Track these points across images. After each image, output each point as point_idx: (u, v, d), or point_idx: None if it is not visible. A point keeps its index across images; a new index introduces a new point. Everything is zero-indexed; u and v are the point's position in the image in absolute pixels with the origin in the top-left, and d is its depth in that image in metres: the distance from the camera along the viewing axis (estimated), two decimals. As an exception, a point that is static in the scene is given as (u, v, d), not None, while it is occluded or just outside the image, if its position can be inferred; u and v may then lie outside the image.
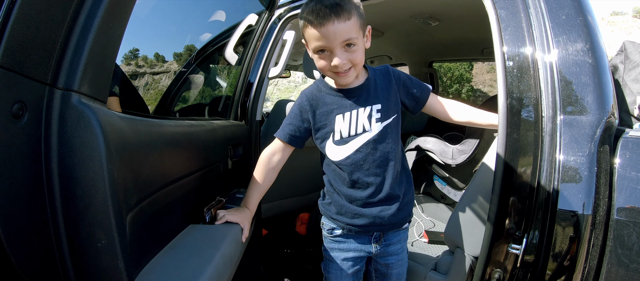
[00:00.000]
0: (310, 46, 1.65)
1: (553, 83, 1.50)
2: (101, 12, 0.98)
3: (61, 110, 0.94)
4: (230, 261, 1.64)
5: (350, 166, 1.75)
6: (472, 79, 33.77)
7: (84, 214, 0.98)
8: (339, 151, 1.76)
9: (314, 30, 1.56)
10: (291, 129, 1.86)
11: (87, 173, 0.96)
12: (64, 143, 0.94)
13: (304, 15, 1.61)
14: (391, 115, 1.76)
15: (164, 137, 1.47)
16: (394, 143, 1.77)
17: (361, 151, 1.73)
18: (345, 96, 1.75)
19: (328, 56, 1.61)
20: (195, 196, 1.84)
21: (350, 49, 1.60)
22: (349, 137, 1.74)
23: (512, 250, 1.51)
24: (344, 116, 1.74)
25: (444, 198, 3.88)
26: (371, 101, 1.73)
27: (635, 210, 1.27)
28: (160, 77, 3.62)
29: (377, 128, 1.72)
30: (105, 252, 1.01)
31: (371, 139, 1.72)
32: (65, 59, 0.94)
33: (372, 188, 1.75)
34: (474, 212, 1.97)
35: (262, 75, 2.69)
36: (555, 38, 1.53)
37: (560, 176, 1.41)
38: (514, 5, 1.64)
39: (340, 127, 1.75)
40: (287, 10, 2.75)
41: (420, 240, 3.01)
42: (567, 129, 1.44)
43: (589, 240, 1.35)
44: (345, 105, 1.75)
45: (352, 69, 1.64)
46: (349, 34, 1.57)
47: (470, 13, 3.37)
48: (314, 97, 1.81)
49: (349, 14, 1.57)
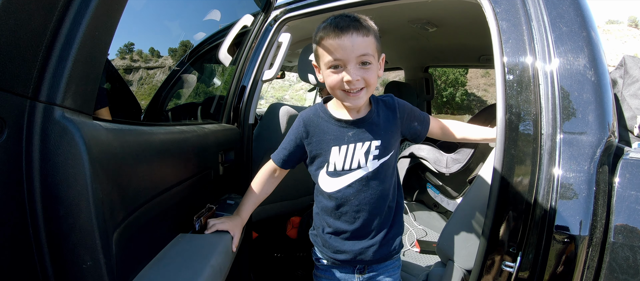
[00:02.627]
0: (323, 61, 1.59)
1: (554, 99, 1.48)
2: (87, 20, 0.93)
3: (43, 125, 0.89)
4: (219, 273, 1.61)
5: (340, 199, 1.71)
6: (467, 83, 33.96)
7: (68, 234, 0.94)
8: (331, 183, 1.72)
9: (331, 41, 1.52)
10: (286, 154, 1.84)
11: (70, 192, 0.92)
12: (46, 160, 0.90)
13: (320, 31, 1.57)
14: (390, 151, 1.71)
15: (153, 147, 1.42)
16: (389, 178, 1.74)
17: (353, 186, 1.69)
18: (345, 127, 1.69)
19: (341, 72, 1.55)
20: (185, 205, 1.80)
21: (365, 67, 1.55)
22: (343, 171, 1.69)
23: (506, 267, 1.49)
24: (340, 148, 1.68)
25: (437, 207, 3.87)
26: (371, 136, 1.68)
27: (633, 233, 1.25)
28: (154, 72, 3.60)
29: (372, 166, 1.67)
30: (91, 274, 0.97)
31: (365, 176, 1.67)
32: (48, 70, 0.89)
33: (359, 222, 1.72)
34: (468, 225, 1.95)
35: (256, 77, 2.65)
36: (557, 52, 1.51)
37: (558, 195, 1.38)
38: (516, 18, 1.61)
39: (335, 160, 1.69)
40: (283, 12, 2.71)
41: (412, 249, 2.99)
42: (567, 147, 1.41)
43: (584, 261, 1.33)
44: (343, 137, 1.69)
45: (364, 91, 1.58)
46: (366, 49, 1.53)
47: (468, 21, 3.36)
48: (312, 122, 1.76)
49: (368, 31, 1.55)
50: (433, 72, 5.85)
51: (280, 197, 3.56)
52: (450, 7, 3.11)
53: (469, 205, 2.01)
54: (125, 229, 1.18)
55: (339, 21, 1.53)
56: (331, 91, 1.64)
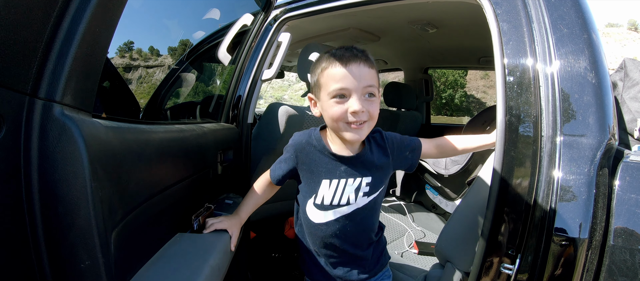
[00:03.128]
0: (326, 90, 1.54)
1: (554, 101, 1.47)
2: (87, 17, 0.92)
3: (42, 122, 0.88)
4: (218, 272, 1.60)
5: (325, 230, 1.71)
6: (466, 85, 34.00)
7: (66, 233, 0.92)
8: (317, 214, 1.71)
9: (337, 69, 1.49)
10: (279, 173, 1.81)
11: (69, 190, 0.90)
12: (45, 158, 0.88)
13: (323, 61, 1.55)
14: (380, 187, 1.71)
15: (153, 145, 1.42)
16: (376, 211, 1.76)
17: (340, 221, 1.67)
18: (338, 162, 1.66)
19: (345, 102, 1.50)
20: (184, 204, 1.80)
21: (370, 99, 1.52)
22: (331, 205, 1.67)
23: (504, 270, 1.48)
24: (330, 182, 1.66)
25: (435, 208, 3.88)
26: (363, 173, 1.66)
27: (632, 236, 1.24)
28: (154, 71, 3.57)
29: (362, 202, 1.66)
30: (89, 273, 0.96)
31: (353, 212, 1.67)
32: (47, 67, 0.87)
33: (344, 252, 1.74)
34: (467, 227, 1.94)
35: (255, 77, 2.64)
36: (558, 54, 1.50)
37: (558, 197, 1.38)
38: (517, 19, 1.61)
39: (324, 193, 1.67)
40: (283, 12, 2.71)
41: (410, 250, 2.98)
42: (567, 150, 1.41)
43: (583, 264, 1.32)
44: (335, 172, 1.66)
45: (367, 124, 1.55)
46: (372, 80, 1.51)
47: (469, 22, 3.36)
48: (303, 151, 1.72)
49: (372, 64, 1.55)
50: (432, 74, 5.85)
51: (278, 197, 3.54)
52: (450, 9, 3.11)
53: (468, 207, 2.00)
54: (124, 228, 1.17)
55: (345, 51, 1.52)
56: (332, 123, 1.58)
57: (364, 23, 3.70)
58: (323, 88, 1.56)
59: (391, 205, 3.96)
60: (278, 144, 2.66)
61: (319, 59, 1.61)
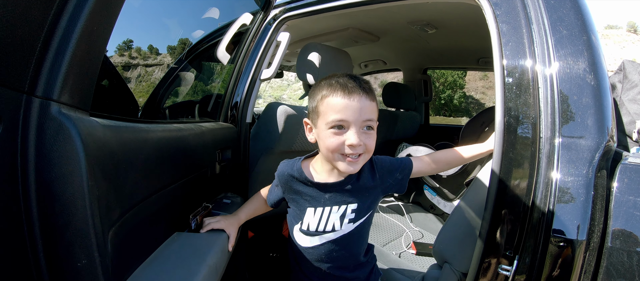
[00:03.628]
0: (326, 119, 1.50)
1: (553, 103, 1.47)
2: (86, 14, 0.92)
3: (39, 121, 0.88)
4: (215, 272, 1.60)
5: (312, 254, 1.71)
6: (465, 85, 34.05)
7: (63, 232, 0.92)
8: (304, 239, 1.71)
9: (337, 100, 1.47)
10: (274, 197, 1.83)
11: (66, 189, 0.91)
12: (42, 157, 0.89)
13: (324, 89, 1.53)
14: (366, 213, 1.67)
15: (150, 144, 1.42)
16: (364, 237, 1.74)
17: (325, 246, 1.67)
18: (321, 191, 1.65)
19: (343, 134, 1.49)
20: (182, 203, 1.80)
21: (367, 132, 1.51)
22: (316, 232, 1.66)
23: (502, 271, 1.48)
24: (315, 210, 1.65)
25: (434, 208, 3.88)
26: (348, 199, 1.64)
27: (630, 238, 1.24)
28: (153, 70, 3.56)
29: (347, 229, 1.64)
30: (86, 272, 0.96)
31: (338, 238, 1.65)
32: (45, 65, 0.87)
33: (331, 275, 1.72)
34: (465, 228, 1.94)
35: (254, 76, 2.64)
36: (557, 56, 1.50)
37: (556, 199, 1.38)
38: (516, 21, 1.61)
39: (309, 220, 1.67)
40: (282, 11, 2.71)
41: (408, 251, 2.98)
42: (565, 151, 1.41)
43: (581, 265, 1.32)
44: (319, 200, 1.65)
45: (363, 157, 1.54)
46: (371, 114, 1.50)
47: (468, 23, 3.36)
48: (286, 182, 1.72)
49: (374, 97, 1.54)
50: (431, 74, 5.86)
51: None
52: (450, 9, 3.11)
53: (466, 207, 2.00)
54: (121, 227, 1.18)
55: (347, 81, 1.50)
56: (328, 153, 1.55)
57: (364, 23, 3.70)
58: (322, 116, 1.53)
59: (389, 205, 3.96)
60: (276, 144, 2.66)
61: (319, 85, 1.58)
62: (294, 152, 2.76)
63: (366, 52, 5.03)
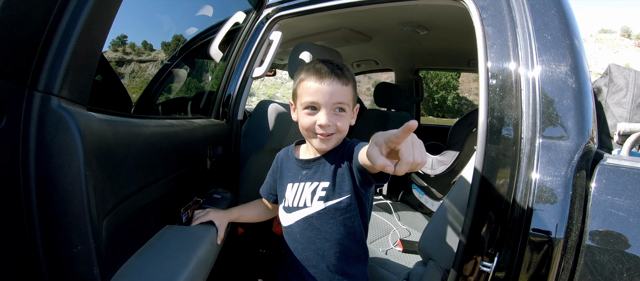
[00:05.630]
0: (301, 101, 1.65)
1: (535, 104, 1.50)
2: (85, 15, 0.96)
3: (40, 113, 0.92)
4: (205, 264, 1.64)
5: (289, 235, 1.79)
6: (459, 87, 34.03)
7: (60, 219, 0.96)
8: (285, 217, 1.81)
9: (310, 84, 1.59)
10: (266, 186, 2.00)
11: (64, 178, 0.95)
12: (42, 147, 0.93)
13: (302, 72, 1.66)
14: (341, 195, 1.65)
15: (144, 138, 1.45)
16: (340, 225, 1.67)
17: (299, 224, 1.73)
18: (301, 166, 1.78)
19: (315, 115, 1.61)
20: (173, 197, 1.83)
21: (339, 114, 1.62)
22: (292, 207, 1.76)
23: (483, 267, 1.51)
24: (293, 185, 1.78)
25: (422, 207, 3.91)
26: (321, 177, 1.70)
27: (607, 236, 1.27)
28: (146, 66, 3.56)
29: (317, 207, 1.68)
30: (81, 258, 1.00)
31: (308, 216, 1.70)
32: (46, 61, 0.92)
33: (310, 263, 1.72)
34: (449, 225, 1.98)
35: (246, 74, 2.66)
36: (540, 59, 1.53)
37: (535, 198, 1.41)
38: (502, 24, 1.64)
39: (287, 195, 1.79)
40: (275, 11, 2.73)
41: (395, 248, 3.02)
42: (545, 151, 1.44)
43: (559, 263, 1.35)
44: (297, 175, 1.78)
45: (334, 136, 1.64)
46: (343, 97, 1.60)
47: (458, 25, 3.39)
48: (282, 161, 1.90)
49: (347, 81, 1.63)
50: (425, 75, 5.90)
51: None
52: (440, 11, 3.14)
53: (451, 205, 2.03)
54: (115, 217, 1.21)
55: (321, 67, 1.61)
56: (303, 131, 1.69)
57: (356, 23, 3.72)
58: (298, 98, 1.68)
59: (378, 204, 3.99)
60: (267, 142, 2.68)
61: (299, 70, 1.70)
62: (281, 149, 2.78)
63: (359, 52, 5.05)
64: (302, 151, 1.87)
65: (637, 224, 1.24)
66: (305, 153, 1.83)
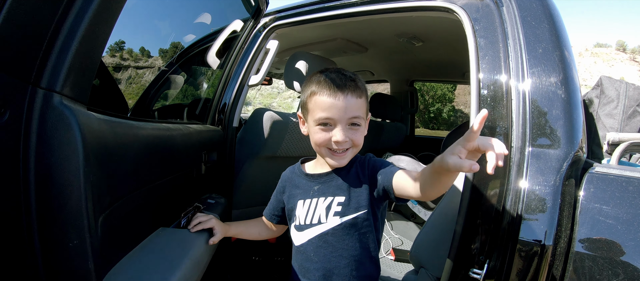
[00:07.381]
0: (313, 116, 1.56)
1: (525, 114, 1.52)
2: (89, 16, 0.99)
3: (42, 110, 0.94)
4: (198, 266, 1.65)
5: (302, 254, 1.67)
6: (454, 99, 34.07)
7: (58, 213, 0.98)
8: (297, 236, 1.70)
9: (324, 98, 1.51)
10: (270, 208, 1.90)
11: (63, 174, 0.97)
12: (42, 143, 0.95)
13: (313, 85, 1.57)
14: (357, 210, 1.58)
15: (141, 140, 1.47)
16: (353, 241, 1.60)
17: (313, 242, 1.63)
18: (312, 182, 1.69)
19: (330, 131, 1.54)
20: (168, 199, 1.85)
21: (354, 129, 1.56)
22: (305, 225, 1.65)
23: (473, 275, 1.51)
24: (304, 202, 1.67)
25: (415, 217, 3.91)
26: (335, 192, 1.62)
27: (596, 244, 1.29)
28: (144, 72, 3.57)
29: (333, 222, 1.58)
30: (77, 252, 1.02)
31: (324, 233, 1.60)
32: (50, 60, 0.94)
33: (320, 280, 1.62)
34: (440, 233, 1.97)
35: (242, 82, 2.69)
36: (531, 70, 1.55)
37: (525, 205, 1.42)
38: (494, 36, 1.67)
39: (299, 213, 1.68)
40: (272, 20, 2.76)
41: (387, 257, 3.03)
42: (535, 160, 1.46)
43: (548, 270, 1.36)
44: (309, 191, 1.68)
45: (350, 150, 1.59)
46: (358, 111, 1.54)
47: (453, 37, 3.42)
48: (288, 179, 1.82)
49: (361, 92, 1.56)
50: (421, 87, 5.93)
51: (261, 201, 3.57)
52: (435, 23, 3.17)
53: (442, 214, 2.04)
54: (110, 215, 1.23)
55: (335, 79, 1.53)
56: (315, 147, 1.63)
57: (352, 34, 3.74)
58: (310, 113, 1.59)
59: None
60: (262, 149, 2.69)
61: (309, 80, 1.62)
62: (279, 157, 2.80)
63: (355, 63, 5.07)
64: (310, 167, 1.78)
65: (625, 231, 1.26)
66: (314, 168, 1.75)
